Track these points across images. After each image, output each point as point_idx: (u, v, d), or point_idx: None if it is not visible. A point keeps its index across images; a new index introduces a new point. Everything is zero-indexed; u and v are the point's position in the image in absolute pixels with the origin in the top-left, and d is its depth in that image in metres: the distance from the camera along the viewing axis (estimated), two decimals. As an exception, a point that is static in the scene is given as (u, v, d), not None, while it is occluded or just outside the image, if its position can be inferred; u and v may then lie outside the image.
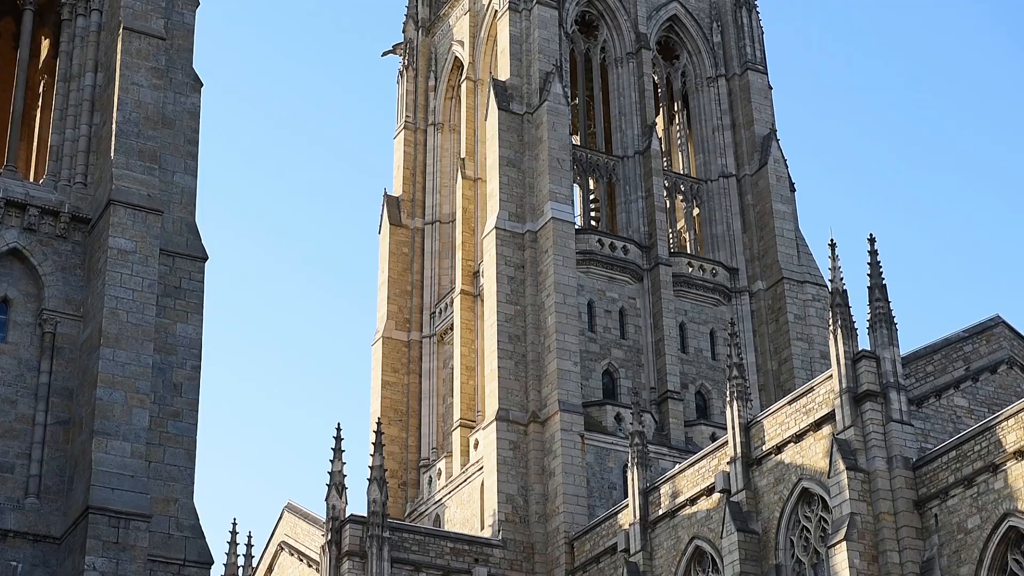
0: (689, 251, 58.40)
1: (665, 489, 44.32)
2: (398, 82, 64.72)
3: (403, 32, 65.49)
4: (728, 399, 42.16)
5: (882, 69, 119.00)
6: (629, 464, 45.71)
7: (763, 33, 62.17)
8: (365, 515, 46.61)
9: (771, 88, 60.93)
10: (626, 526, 45.39)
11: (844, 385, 38.31)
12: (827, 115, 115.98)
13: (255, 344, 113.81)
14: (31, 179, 37.53)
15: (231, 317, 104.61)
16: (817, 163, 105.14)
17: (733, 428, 41.75)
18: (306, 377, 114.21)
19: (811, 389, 40.22)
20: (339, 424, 48.06)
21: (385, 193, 62.35)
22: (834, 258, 40.04)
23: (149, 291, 34.56)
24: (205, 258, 36.54)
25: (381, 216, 61.89)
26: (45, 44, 39.50)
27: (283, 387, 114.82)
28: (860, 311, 49.23)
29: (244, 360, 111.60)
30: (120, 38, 36.49)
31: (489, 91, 57.14)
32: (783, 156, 58.94)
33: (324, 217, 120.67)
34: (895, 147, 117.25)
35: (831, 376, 39.08)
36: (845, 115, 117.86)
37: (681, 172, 60.21)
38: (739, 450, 41.43)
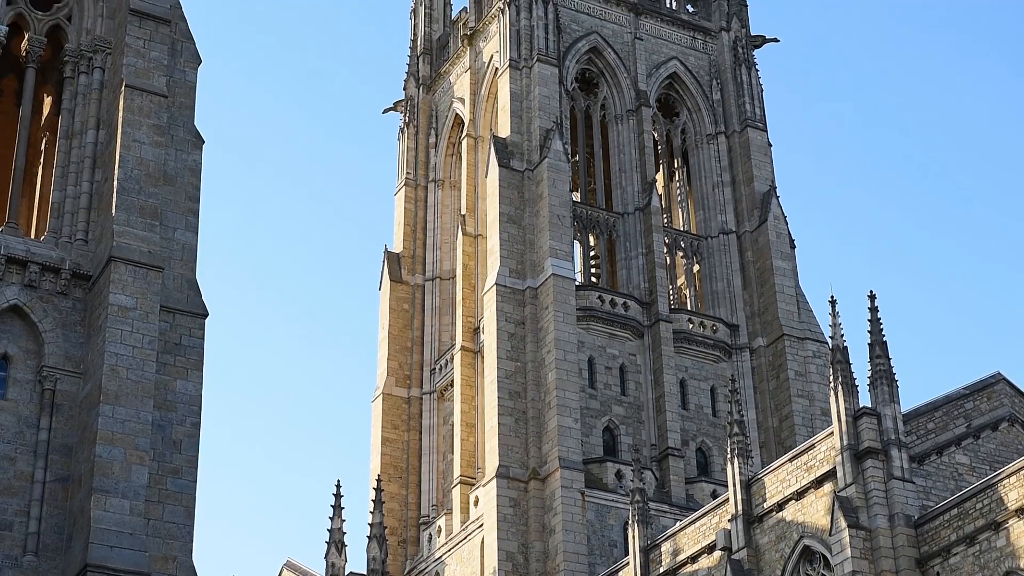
0: (690, 308, 58.39)
1: (666, 547, 44.09)
2: (399, 139, 64.95)
3: (404, 89, 65.78)
4: (729, 456, 42.00)
5: (881, 127, 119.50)
6: (630, 521, 45.45)
7: (763, 91, 62.47)
8: (365, 572, 46.42)
9: (771, 145, 61.16)
10: (627, 584, 45.11)
11: (845, 442, 38.18)
12: (827, 172, 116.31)
13: (255, 400, 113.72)
14: (32, 236, 37.59)
15: (231, 373, 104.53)
16: (817, 220, 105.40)
17: (734, 485, 41.58)
18: (306, 434, 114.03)
19: (812, 446, 40.09)
20: (339, 481, 47.98)
21: (386, 250, 62.43)
22: (834, 315, 40.02)
23: (149, 348, 34.55)
24: (205, 315, 36.55)
25: (382, 272, 61.93)
26: (48, 102, 39.67)
27: (283, 444, 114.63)
28: (861, 368, 49.06)
29: (244, 416, 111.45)
30: (122, 96, 36.66)
31: (490, 148, 57.32)
32: (783, 213, 59.06)
33: (324, 273, 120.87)
34: (895, 203, 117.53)
35: (832, 433, 38.96)
36: (845, 172, 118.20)
37: (681, 229, 60.30)
38: (740, 507, 41.24)
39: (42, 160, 39.18)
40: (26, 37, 38.50)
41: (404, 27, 68.18)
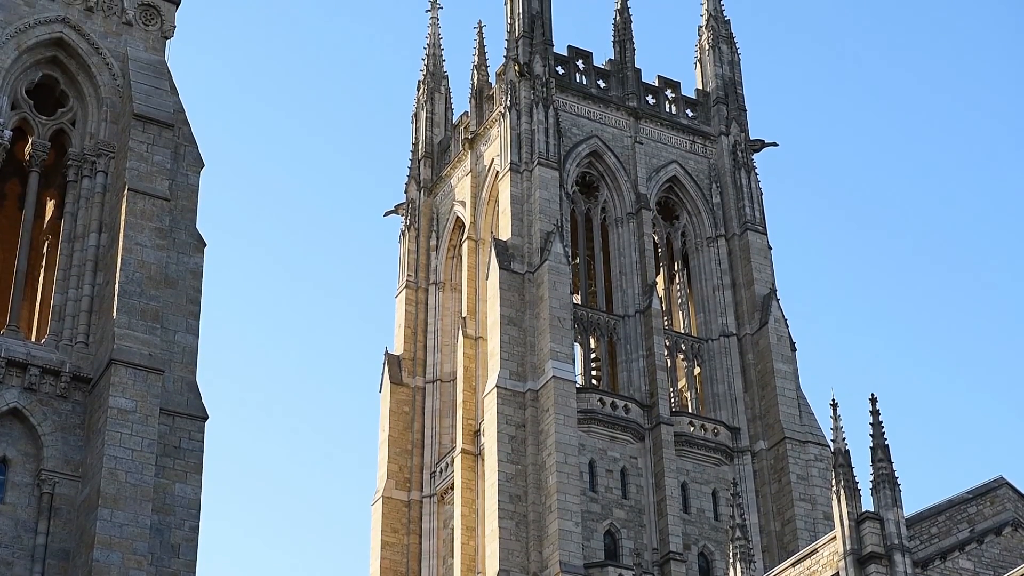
0: (691, 410, 58.27)
1: (668, 653, 43.66)
2: (400, 241, 65.18)
3: (405, 192, 66.14)
4: (731, 561, 41.70)
5: (880, 228, 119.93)
6: (631, 627, 45.10)
7: (762, 194, 62.82)
8: None
9: (771, 248, 61.39)
10: None
11: (848, 547, 37.92)
12: (827, 274, 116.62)
13: (254, 503, 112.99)
14: (33, 338, 37.55)
15: (230, 476, 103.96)
16: (818, 321, 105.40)
17: (737, 590, 41.25)
18: (305, 537, 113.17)
19: (815, 551, 39.81)
20: (338, 585, 47.59)
21: (386, 352, 62.43)
22: (836, 418, 39.94)
23: (148, 451, 34.37)
24: (205, 418, 36.41)
25: (382, 375, 61.87)
26: (50, 205, 39.80)
27: (282, 547, 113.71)
28: (863, 471, 48.88)
29: (243, 520, 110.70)
30: (125, 199, 36.79)
31: (490, 250, 57.50)
32: (783, 316, 59.13)
33: (325, 376, 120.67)
34: (895, 305, 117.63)
35: (835, 538, 38.71)
36: (845, 273, 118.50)
37: (682, 331, 60.33)
38: (743, 613, 40.89)
39: (44, 263, 39.22)
40: (30, 141, 38.73)
41: (405, 131, 68.79)
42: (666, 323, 59.73)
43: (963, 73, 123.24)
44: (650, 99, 64.24)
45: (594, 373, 59.95)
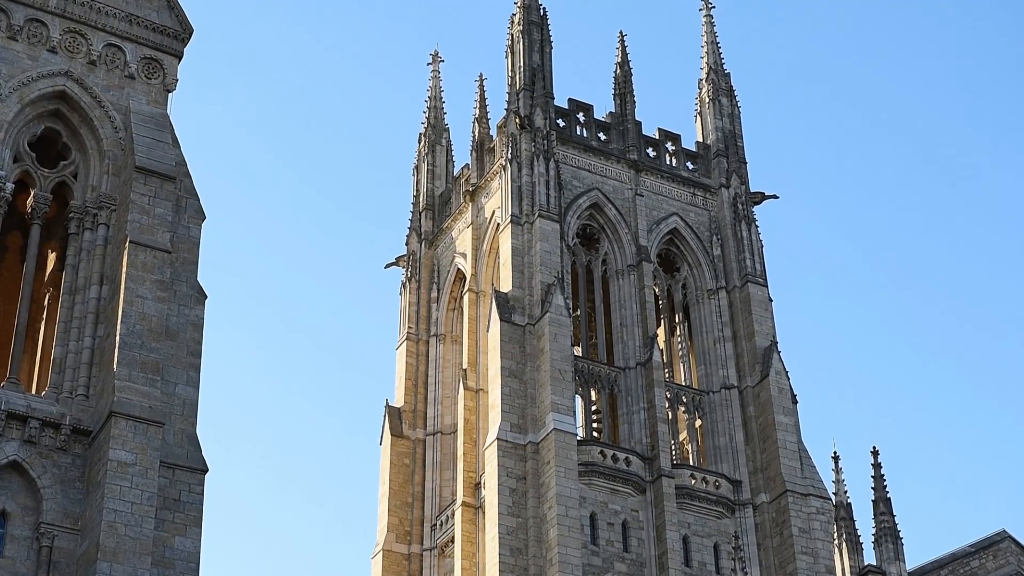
0: (692, 463, 58.12)
1: None
2: (401, 293, 65.18)
3: (406, 244, 66.21)
4: (733, 615, 41.55)
5: (882, 281, 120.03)
6: None
7: (763, 246, 62.87)
8: None
9: (771, 300, 61.38)
10: None
11: (850, 601, 37.81)
12: (828, 326, 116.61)
13: (254, 556, 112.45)
14: (33, 391, 37.51)
15: (230, 529, 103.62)
16: (819, 374, 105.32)
17: (738, 645, 41.07)
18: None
19: (817, 605, 39.66)
20: (338, 640, 47.35)
21: (387, 404, 62.32)
22: (838, 471, 40.00)
23: (148, 504, 34.25)
24: (205, 470, 36.32)
25: (383, 427, 61.75)
26: (51, 258, 39.84)
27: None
28: (865, 524, 48.85)
29: (243, 573, 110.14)
30: (126, 252, 36.83)
31: (491, 302, 57.50)
32: (784, 368, 59.05)
33: (325, 428, 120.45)
34: (897, 357, 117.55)
35: (837, 592, 38.60)
36: (846, 325, 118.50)
37: (683, 383, 60.24)
38: (745, 668, 40.69)
39: (45, 315, 39.23)
40: (32, 194, 38.82)
41: (407, 183, 68.94)
42: (667, 375, 59.65)
43: (965, 124, 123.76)
44: (651, 151, 64.41)
45: (595, 425, 59.82)
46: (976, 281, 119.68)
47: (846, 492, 39.49)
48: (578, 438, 54.69)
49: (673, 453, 57.22)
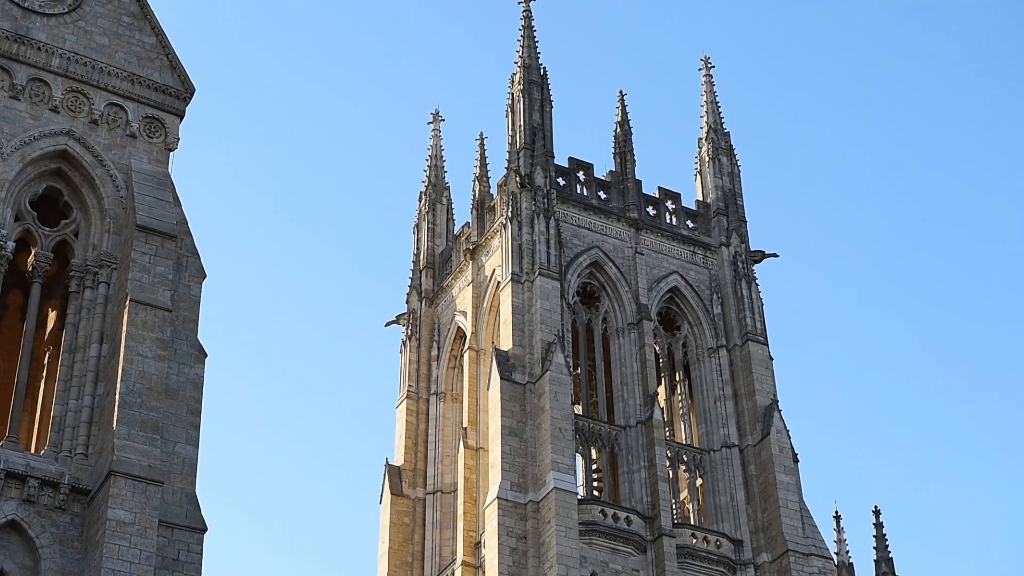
0: (693, 522, 57.90)
1: None
2: (401, 352, 65.13)
3: (407, 302, 66.23)
4: (735, 676, 41.31)
5: (883, 339, 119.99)
6: None
7: (763, 304, 62.88)
8: None
9: (772, 359, 61.32)
10: None
11: (853, 662, 37.60)
12: (829, 384, 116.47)
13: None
14: (32, 450, 37.43)
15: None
16: (820, 432, 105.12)
17: None
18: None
19: (819, 666, 39.44)
20: None
21: (387, 463, 62.14)
22: (839, 531, 39.89)
23: (147, 563, 34.09)
24: (204, 529, 36.18)
25: (382, 486, 61.55)
26: (52, 316, 39.86)
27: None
28: (867, 584, 48.61)
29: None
30: (126, 310, 36.83)
31: (492, 361, 57.45)
32: (785, 427, 58.92)
33: (325, 487, 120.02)
34: (898, 415, 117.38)
35: (839, 652, 38.38)
36: (847, 383, 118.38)
37: (683, 442, 60.10)
38: None
39: (44, 374, 39.20)
40: (33, 252, 38.88)
41: (407, 241, 69.01)
42: (668, 434, 59.48)
43: (966, 178, 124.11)
44: (651, 210, 64.55)
45: (595, 484, 59.63)
46: (979, 338, 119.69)
47: (848, 552, 39.36)
48: (579, 497, 54.51)
49: (674, 512, 57.02)
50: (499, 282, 60.35)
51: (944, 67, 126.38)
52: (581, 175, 63.73)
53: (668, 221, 64.76)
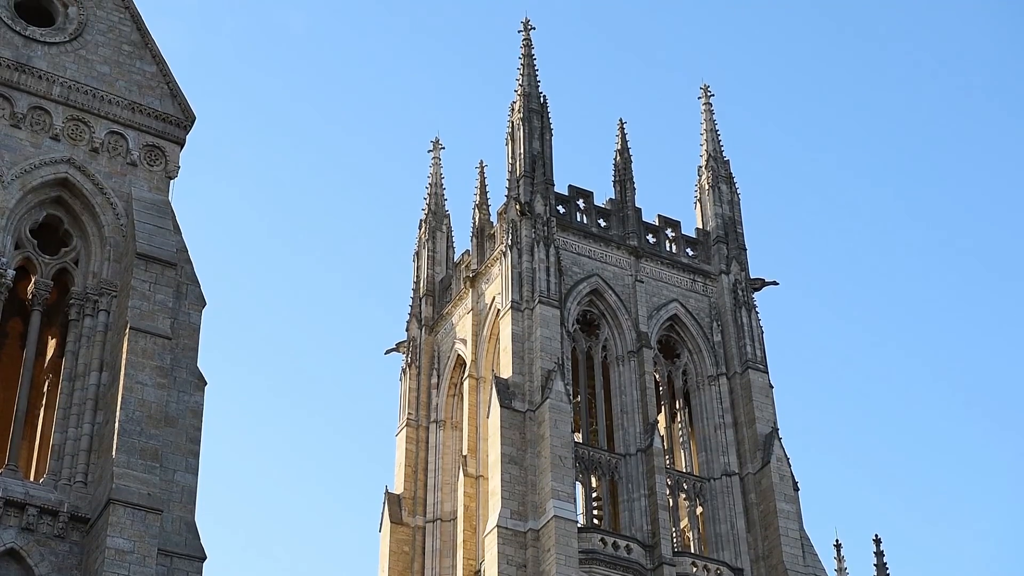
0: (693, 550, 57.76)
1: None
2: (401, 380, 65.07)
3: (406, 330, 66.20)
4: None
5: (884, 367, 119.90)
6: None
7: (763, 332, 62.85)
8: None
9: (772, 387, 61.26)
10: None
11: None
12: (829, 412, 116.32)
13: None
14: (31, 478, 37.38)
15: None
16: (820, 460, 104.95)
17: None
18: None
19: None
20: None
21: (386, 491, 62.03)
22: (840, 559, 39.81)
23: (146, 592, 34.03)
24: (203, 558, 36.10)
25: (382, 514, 61.42)
26: (51, 344, 39.85)
27: None
28: (868, 613, 48.44)
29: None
30: (126, 338, 36.82)
31: (491, 388, 57.39)
32: (786, 455, 58.84)
33: (324, 515, 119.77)
34: (899, 442, 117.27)
35: None
36: (847, 411, 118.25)
37: (684, 470, 59.99)
38: None
39: (44, 402, 39.17)
40: (33, 280, 38.90)
41: (407, 269, 69.04)
42: (668, 462, 59.39)
43: (969, 205, 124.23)
44: (651, 238, 64.58)
45: (595, 512, 59.53)
46: (981, 366, 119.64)
47: (849, 580, 39.20)
48: (579, 525, 54.39)
49: (674, 540, 56.90)
50: (499, 310, 60.34)
51: (945, 96, 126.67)
52: (581, 203, 63.79)
53: (668, 249, 64.79)
